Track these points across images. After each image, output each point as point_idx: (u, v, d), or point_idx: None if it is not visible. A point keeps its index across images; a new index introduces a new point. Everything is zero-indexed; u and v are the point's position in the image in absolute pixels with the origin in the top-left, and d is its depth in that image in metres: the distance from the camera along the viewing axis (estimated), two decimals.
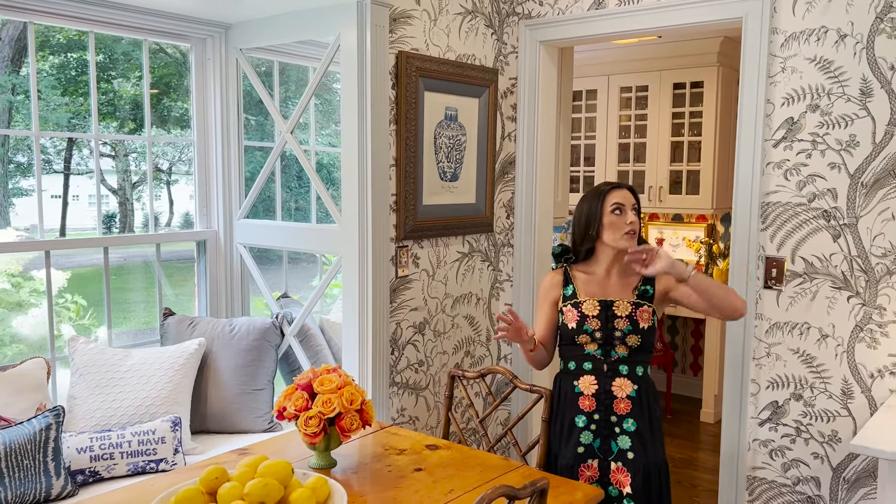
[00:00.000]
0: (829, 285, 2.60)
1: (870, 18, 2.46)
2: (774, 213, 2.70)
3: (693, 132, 5.31)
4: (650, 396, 2.24)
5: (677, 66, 5.30)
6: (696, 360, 5.67)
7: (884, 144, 2.47)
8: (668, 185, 5.43)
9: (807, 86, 2.60)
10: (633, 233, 2.21)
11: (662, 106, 5.40)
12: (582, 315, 2.23)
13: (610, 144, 5.67)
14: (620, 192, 2.25)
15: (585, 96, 5.77)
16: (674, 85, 5.34)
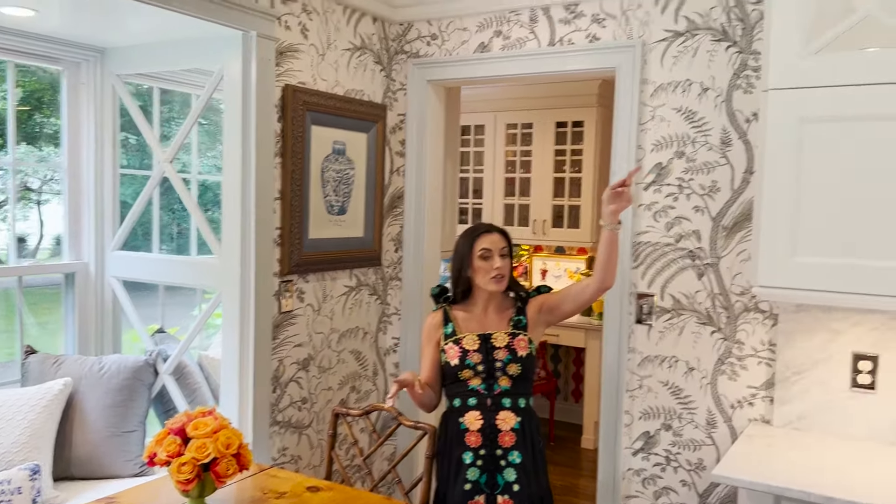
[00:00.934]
0: (695, 321, 2.77)
1: (728, 74, 2.67)
2: (645, 252, 2.86)
3: (574, 169, 5.55)
4: (533, 428, 2.31)
5: (560, 106, 5.53)
6: (577, 387, 5.86)
7: (741, 190, 2.67)
8: (551, 218, 5.64)
9: (674, 133, 2.78)
10: (502, 276, 2.29)
11: (546, 143, 5.62)
12: (463, 350, 2.28)
13: (497, 178, 5.82)
14: (490, 236, 2.31)
15: (474, 131, 5.91)
16: (556, 123, 5.57)
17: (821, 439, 2.46)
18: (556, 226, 5.64)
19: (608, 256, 2.27)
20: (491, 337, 2.30)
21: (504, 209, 5.79)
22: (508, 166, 5.81)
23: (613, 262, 2.29)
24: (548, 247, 5.99)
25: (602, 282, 2.30)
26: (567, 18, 2.98)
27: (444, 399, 2.39)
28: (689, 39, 2.73)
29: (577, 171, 5.52)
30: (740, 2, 2.64)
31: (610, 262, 2.28)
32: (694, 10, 2.72)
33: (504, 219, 5.77)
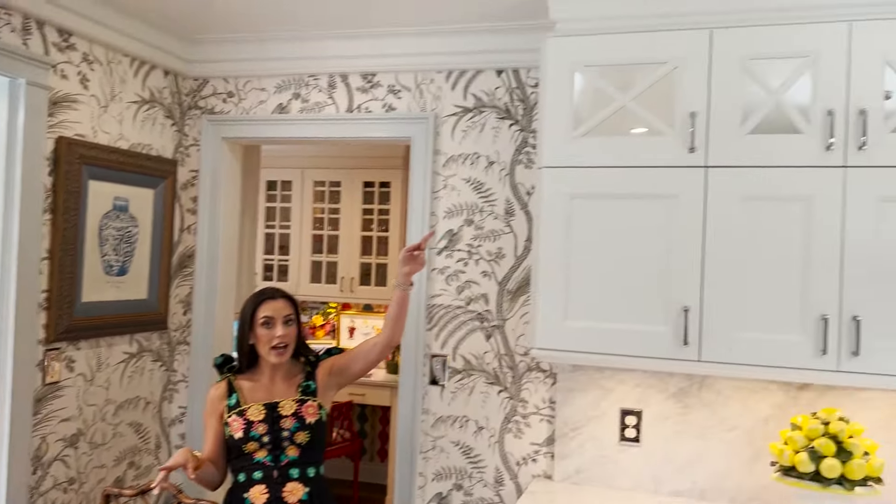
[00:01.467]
0: (484, 381, 2.88)
1: (511, 149, 2.87)
2: (439, 315, 2.94)
3: (381, 228, 5.64)
4: (323, 498, 2.25)
5: (367, 167, 5.64)
6: (383, 446, 5.83)
7: (523, 257, 2.85)
8: (359, 276, 5.66)
9: (464, 202, 2.92)
10: (284, 346, 2.24)
11: (354, 201, 5.67)
12: (247, 422, 2.19)
13: (304, 235, 5.77)
14: (273, 303, 2.27)
15: (281, 187, 5.84)
16: (364, 183, 5.66)
17: (595, 492, 2.62)
18: (364, 283, 5.67)
19: (398, 315, 2.33)
20: (278, 405, 2.23)
21: (311, 266, 5.73)
22: (316, 223, 5.79)
23: (402, 320, 2.35)
24: (356, 304, 5.99)
25: (390, 339, 2.34)
26: (364, 87, 3.06)
27: (230, 475, 2.27)
28: (477, 115, 2.91)
29: (385, 230, 5.62)
30: (521, 84, 2.86)
31: (399, 321, 2.34)
32: (481, 88, 2.91)
33: (311, 276, 5.71)
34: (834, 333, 2.13)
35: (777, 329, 2.19)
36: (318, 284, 5.73)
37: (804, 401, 2.47)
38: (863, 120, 2.11)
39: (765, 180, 2.21)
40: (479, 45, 2.86)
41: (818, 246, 2.16)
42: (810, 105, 2.18)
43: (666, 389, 2.63)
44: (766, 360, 2.20)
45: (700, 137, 2.27)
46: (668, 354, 2.30)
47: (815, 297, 2.16)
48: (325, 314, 6.14)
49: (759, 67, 2.23)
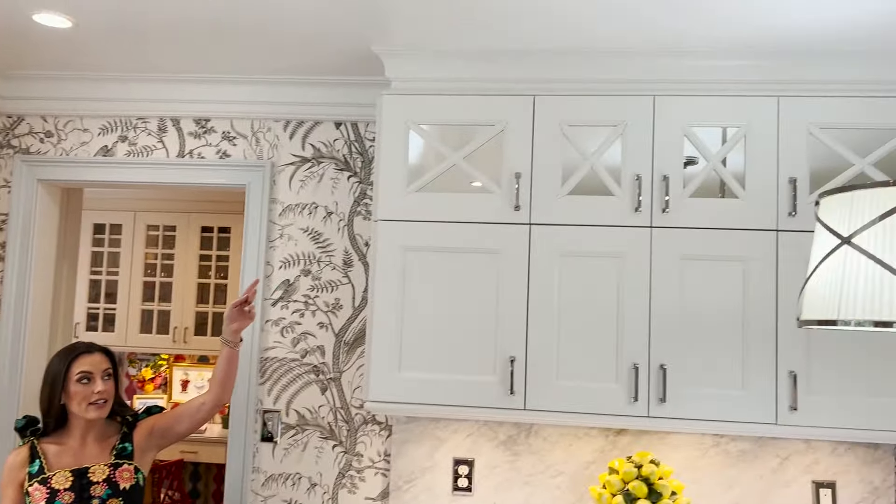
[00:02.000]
0: (318, 436, 2.82)
1: (350, 201, 2.89)
2: (272, 368, 2.86)
3: (220, 275, 5.43)
4: None
5: (205, 211, 5.43)
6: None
7: (361, 308, 2.85)
8: (194, 326, 5.40)
9: (301, 252, 2.89)
10: (104, 402, 2.10)
11: (190, 247, 5.43)
12: (52, 491, 2.00)
13: (134, 282, 5.43)
14: (89, 357, 2.11)
15: (109, 230, 5.49)
16: (202, 228, 5.44)
17: None
18: (200, 333, 5.41)
19: (227, 374, 2.25)
20: (87, 471, 2.06)
21: (141, 315, 5.40)
22: (148, 269, 5.47)
23: (232, 379, 2.27)
24: (190, 356, 5.69)
25: (219, 399, 2.24)
26: (197, 132, 2.97)
27: None
28: (316, 166, 2.91)
29: (224, 278, 5.41)
30: (360, 138, 2.90)
31: (228, 380, 2.25)
32: (319, 139, 2.91)
33: (141, 325, 5.37)
34: (644, 381, 2.30)
35: (595, 377, 2.33)
36: (149, 335, 5.40)
37: (622, 445, 2.63)
38: (665, 185, 2.33)
39: (582, 238, 2.37)
40: (317, 97, 2.87)
41: (629, 299, 2.33)
42: (621, 169, 2.37)
43: (496, 438, 2.70)
44: (585, 407, 2.33)
45: (524, 196, 2.40)
46: (496, 404, 2.37)
47: (627, 347, 2.32)
48: (156, 366, 5.78)
49: (576, 133, 2.41)
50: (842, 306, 1.40)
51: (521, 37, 2.34)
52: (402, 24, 2.29)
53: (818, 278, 1.49)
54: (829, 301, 1.43)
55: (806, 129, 2.31)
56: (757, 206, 2.31)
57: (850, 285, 1.40)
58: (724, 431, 2.28)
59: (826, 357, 2.26)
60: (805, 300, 1.53)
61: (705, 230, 2.32)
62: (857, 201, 1.43)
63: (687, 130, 2.36)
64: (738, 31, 2.20)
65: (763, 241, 2.30)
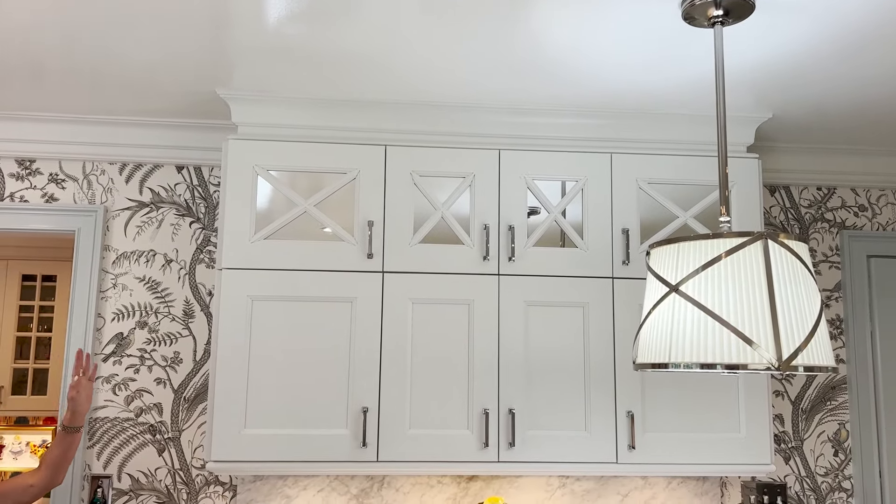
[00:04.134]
0: (155, 500, 2.61)
1: (192, 248, 2.75)
2: (102, 429, 2.63)
3: (43, 327, 4.96)
4: None
5: (28, 258, 4.98)
6: None
7: (203, 361, 2.70)
8: (11, 384, 4.88)
9: (136, 303, 2.70)
10: None
11: (9, 296, 4.94)
12: None
13: None
14: None
15: None
16: (23, 276, 4.97)
17: None
18: (18, 392, 4.90)
19: (64, 458, 2.06)
20: None
21: None
22: None
23: (68, 462, 2.09)
24: (7, 418, 5.11)
25: (51, 482, 2.06)
26: (21, 174, 2.73)
27: None
28: (154, 211, 2.75)
29: (48, 330, 4.95)
30: (203, 182, 2.79)
31: (65, 463, 2.08)
32: (159, 183, 2.77)
33: None
34: (494, 426, 2.34)
35: (447, 425, 2.34)
36: None
37: (473, 491, 2.64)
38: (511, 234, 2.41)
39: (434, 285, 2.40)
40: (158, 139, 2.74)
41: (479, 344, 2.38)
42: (470, 219, 2.44)
43: (348, 492, 2.63)
44: (438, 455, 2.32)
45: (377, 244, 2.40)
46: (348, 457, 2.32)
47: (477, 392, 2.35)
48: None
49: (427, 183, 2.45)
50: (672, 350, 1.50)
51: (367, 90, 2.36)
52: (246, 70, 2.24)
53: (651, 324, 1.59)
54: (661, 345, 1.53)
55: (636, 183, 2.50)
56: (595, 255, 2.45)
57: (678, 330, 1.50)
58: (570, 472, 2.36)
59: (659, 397, 2.41)
60: (640, 344, 1.63)
61: (548, 277, 2.43)
62: (682, 252, 1.55)
63: (530, 183, 2.47)
64: (575, 92, 2.35)
65: (600, 287, 2.43)
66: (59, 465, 2.05)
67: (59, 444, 2.06)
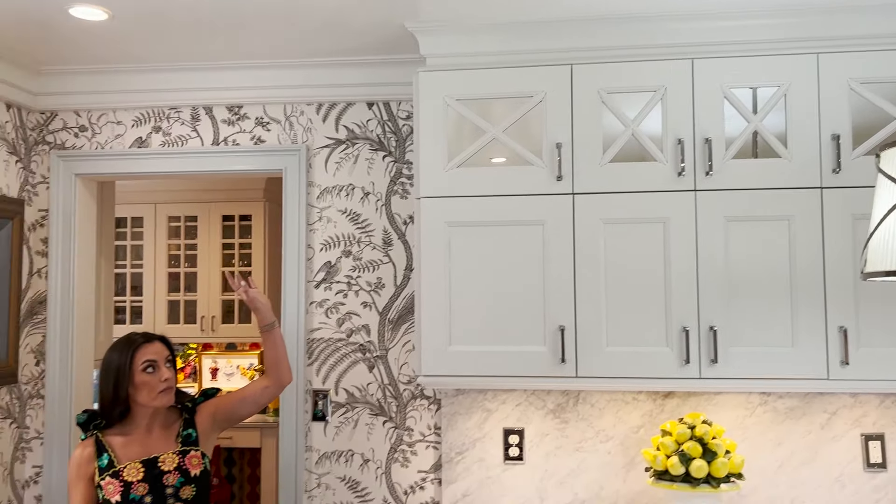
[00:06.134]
0: (368, 412, 2.86)
1: (386, 181, 2.90)
2: (319, 349, 2.90)
3: (243, 262, 5.46)
4: None
5: (226, 200, 5.45)
6: (253, 489, 5.60)
7: (403, 286, 2.88)
8: (221, 314, 5.44)
9: (341, 234, 2.92)
10: (170, 389, 2.13)
11: (213, 236, 5.46)
12: (126, 483, 2.03)
13: (159, 273, 5.47)
14: (151, 346, 2.13)
15: (131, 223, 5.52)
16: (223, 217, 5.46)
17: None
18: (227, 321, 5.45)
19: (274, 356, 2.26)
20: (157, 461, 2.08)
21: (168, 306, 5.44)
22: (172, 261, 5.51)
23: (283, 359, 2.27)
24: (218, 344, 5.74)
25: (279, 381, 2.27)
26: (231, 119, 2.99)
27: None
28: (350, 147, 2.92)
29: (247, 265, 5.44)
30: (393, 117, 2.91)
31: (280, 361, 2.26)
32: (352, 120, 2.93)
33: (168, 316, 5.41)
34: (694, 343, 2.33)
35: (645, 342, 2.36)
36: (177, 325, 5.44)
37: (669, 408, 2.66)
38: (708, 148, 2.34)
39: (626, 205, 2.39)
40: (349, 77, 2.88)
41: (676, 263, 2.35)
42: (662, 134, 2.38)
43: (544, 407, 2.74)
44: (637, 371, 2.36)
45: (566, 166, 2.41)
46: (547, 373, 2.41)
47: (676, 311, 2.35)
48: (185, 356, 5.83)
49: (615, 100, 2.42)
50: None
51: (555, 6, 2.34)
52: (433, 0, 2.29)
53: (885, 230, 1.51)
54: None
55: (846, 84, 2.31)
56: (800, 165, 2.32)
57: None
58: (777, 389, 2.32)
59: (874, 311, 2.28)
60: (870, 253, 1.56)
61: (749, 190, 2.34)
62: None
63: (726, 92, 2.36)
64: None
65: (807, 198, 2.31)
66: (279, 363, 2.26)
67: (267, 346, 2.26)
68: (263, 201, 5.41)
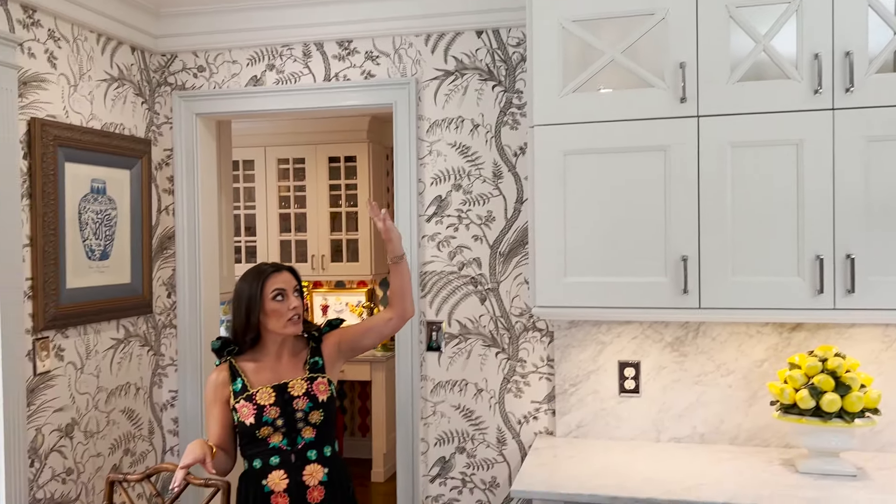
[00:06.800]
0: (481, 343, 2.89)
1: (496, 112, 2.86)
2: (431, 281, 2.93)
3: (350, 203, 5.58)
4: (342, 475, 2.22)
5: (331, 141, 5.55)
6: (364, 421, 5.83)
7: (514, 219, 2.85)
8: (330, 253, 5.60)
9: (451, 167, 2.91)
10: (298, 317, 2.20)
11: (320, 178, 5.59)
12: (258, 406, 2.14)
13: (270, 214, 5.67)
14: (280, 276, 2.20)
15: (243, 166, 5.72)
16: (329, 158, 5.58)
17: (599, 444, 2.67)
18: (335, 260, 5.62)
19: (401, 288, 2.29)
20: (287, 386, 2.18)
21: (280, 245, 5.65)
22: (282, 202, 5.69)
23: (408, 292, 2.30)
24: (327, 282, 5.93)
25: (404, 313, 2.30)
26: (341, 55, 3.00)
27: (242, 460, 2.22)
28: (459, 78, 2.89)
29: (353, 205, 5.56)
30: (502, 44, 2.84)
31: (405, 294, 2.29)
32: (461, 50, 2.88)
33: (280, 255, 5.63)
34: (829, 272, 2.20)
35: (774, 272, 2.25)
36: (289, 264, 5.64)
37: (797, 341, 2.55)
38: (849, 62, 2.16)
39: (756, 127, 2.25)
40: (457, 6, 2.83)
41: (810, 188, 2.21)
42: (797, 50, 2.22)
43: (662, 340, 2.68)
44: (764, 302, 2.26)
45: (690, 87, 2.29)
46: (668, 304, 2.34)
47: (809, 238, 2.22)
48: None
49: (744, 15, 2.26)
50: None
51: None
52: None
53: None
54: None
55: None
56: None
57: None
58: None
59: None
60: None
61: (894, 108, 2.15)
62: None
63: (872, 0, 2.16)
64: None
65: None
66: (404, 295, 2.29)
67: (394, 278, 2.28)
68: (367, 142, 5.48)
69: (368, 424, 5.75)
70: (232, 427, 2.19)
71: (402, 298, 2.29)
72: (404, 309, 2.29)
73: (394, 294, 2.29)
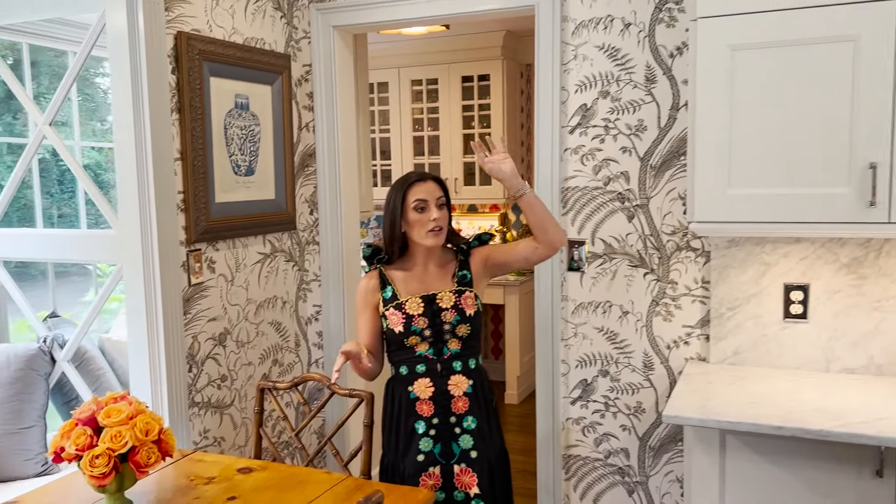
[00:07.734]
0: (627, 264, 2.72)
1: (650, 8, 2.60)
2: (574, 198, 2.78)
3: (483, 124, 5.44)
4: (485, 388, 2.19)
5: (464, 60, 5.39)
6: (496, 344, 5.83)
7: (668, 128, 2.62)
8: (463, 176, 5.53)
9: (597, 73, 2.69)
10: (440, 229, 2.12)
11: (453, 99, 5.47)
12: (407, 316, 2.12)
13: (405, 137, 5.65)
14: (424, 185, 2.13)
15: (377, 89, 5.69)
16: (462, 78, 5.43)
17: (758, 372, 2.47)
18: (469, 184, 5.54)
19: (534, 220, 2.14)
20: (436, 298, 2.13)
21: (414, 169, 5.63)
22: (416, 125, 5.64)
23: (545, 221, 2.15)
24: (460, 206, 5.88)
25: (550, 244, 2.16)
26: None
27: (389, 366, 2.23)
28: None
29: (487, 127, 5.42)
30: None
31: (543, 225, 2.14)
32: None
33: None
34: None
35: None
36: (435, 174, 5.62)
37: None
38: None
39: None
40: None
41: None
42: None
43: (837, 260, 2.40)
44: None
45: None
46: (850, 218, 2.08)
47: None
48: None
49: None
50: None
51: None
52: None
53: None
54: None
55: None
56: None
57: None
58: None
59: None
60: None
61: None
62: None
63: None
64: None
65: None
66: (543, 227, 2.15)
67: (525, 213, 2.15)
68: (501, 59, 5.28)
69: (501, 348, 5.75)
70: (380, 333, 2.20)
71: (544, 231, 2.15)
72: (550, 240, 2.15)
73: (533, 228, 2.16)
